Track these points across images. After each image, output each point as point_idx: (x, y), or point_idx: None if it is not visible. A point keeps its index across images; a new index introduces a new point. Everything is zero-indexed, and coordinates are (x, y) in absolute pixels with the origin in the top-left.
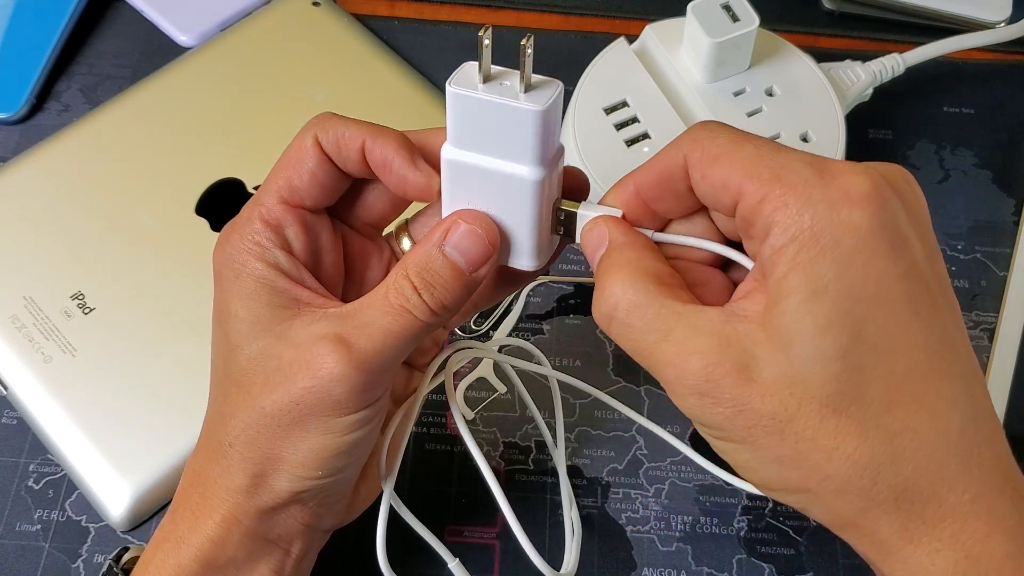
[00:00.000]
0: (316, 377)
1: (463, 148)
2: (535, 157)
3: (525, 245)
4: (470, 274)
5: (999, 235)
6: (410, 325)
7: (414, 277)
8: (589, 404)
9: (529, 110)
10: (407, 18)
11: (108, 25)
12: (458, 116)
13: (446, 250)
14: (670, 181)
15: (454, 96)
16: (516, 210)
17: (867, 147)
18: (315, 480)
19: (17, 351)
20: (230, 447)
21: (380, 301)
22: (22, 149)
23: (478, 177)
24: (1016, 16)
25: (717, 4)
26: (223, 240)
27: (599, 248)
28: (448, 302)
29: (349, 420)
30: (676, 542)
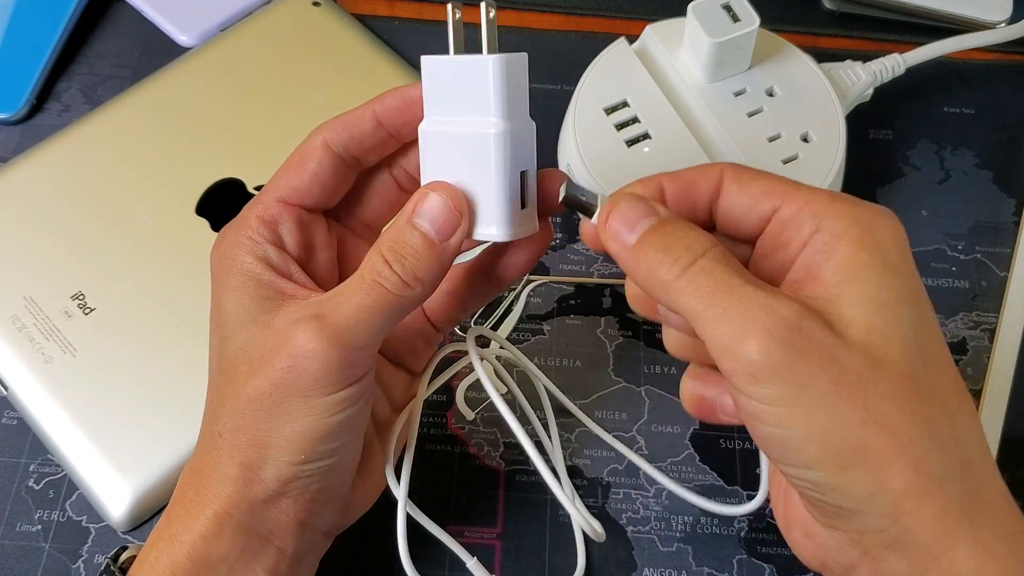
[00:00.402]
0: (292, 355)
1: (434, 116)
2: (496, 109)
3: (492, 212)
4: (440, 243)
5: (999, 235)
6: (383, 298)
7: (386, 251)
8: (589, 404)
9: (487, 58)
10: (407, 18)
11: (108, 25)
12: (428, 83)
13: (415, 221)
14: (695, 190)
15: (425, 63)
16: (480, 171)
17: (867, 147)
18: (300, 465)
19: (17, 351)
20: (219, 436)
21: (355, 280)
22: (22, 149)
23: (447, 143)
24: (1016, 16)
25: (717, 4)
26: (219, 238)
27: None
28: (420, 273)
29: (330, 400)
30: (676, 542)
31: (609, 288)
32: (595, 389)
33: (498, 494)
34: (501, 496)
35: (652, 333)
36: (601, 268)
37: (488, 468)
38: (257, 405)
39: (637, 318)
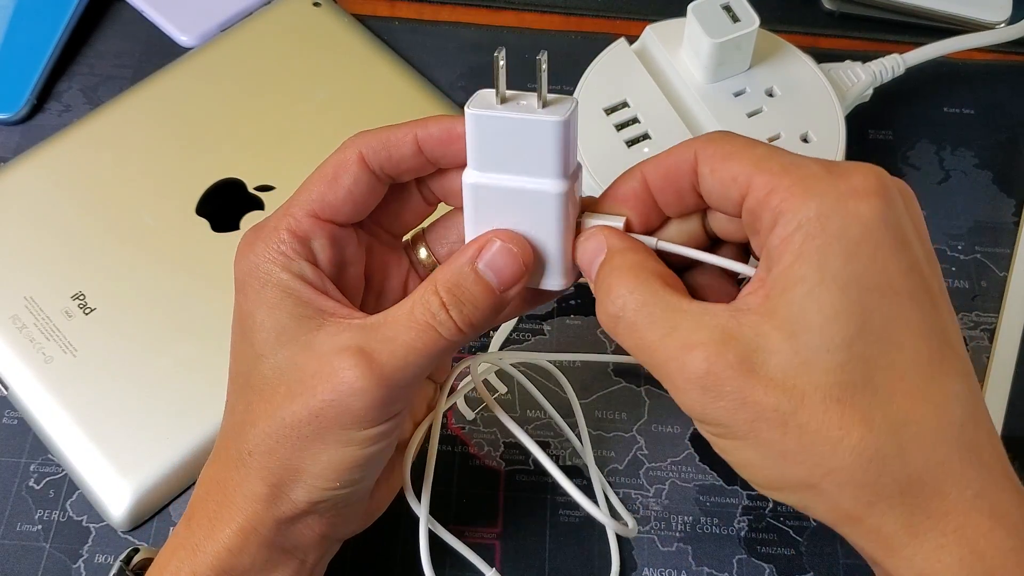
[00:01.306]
0: (336, 390)
1: (485, 171)
2: (558, 170)
3: (554, 264)
4: (501, 293)
5: (999, 235)
6: (435, 342)
7: (443, 293)
8: (589, 404)
9: (549, 121)
10: (407, 18)
11: (108, 25)
12: (478, 138)
13: (479, 267)
14: (677, 176)
15: (474, 118)
16: (542, 228)
17: (867, 147)
18: (332, 491)
19: (18, 351)
20: (249, 455)
21: (406, 316)
22: (23, 149)
23: (502, 198)
24: (1016, 16)
25: (717, 4)
26: (246, 248)
27: (597, 255)
28: (476, 320)
29: (368, 434)
30: (676, 542)
31: None
32: (595, 389)
33: (498, 494)
34: (501, 496)
35: None
36: None
37: (488, 468)
38: (294, 432)
39: None
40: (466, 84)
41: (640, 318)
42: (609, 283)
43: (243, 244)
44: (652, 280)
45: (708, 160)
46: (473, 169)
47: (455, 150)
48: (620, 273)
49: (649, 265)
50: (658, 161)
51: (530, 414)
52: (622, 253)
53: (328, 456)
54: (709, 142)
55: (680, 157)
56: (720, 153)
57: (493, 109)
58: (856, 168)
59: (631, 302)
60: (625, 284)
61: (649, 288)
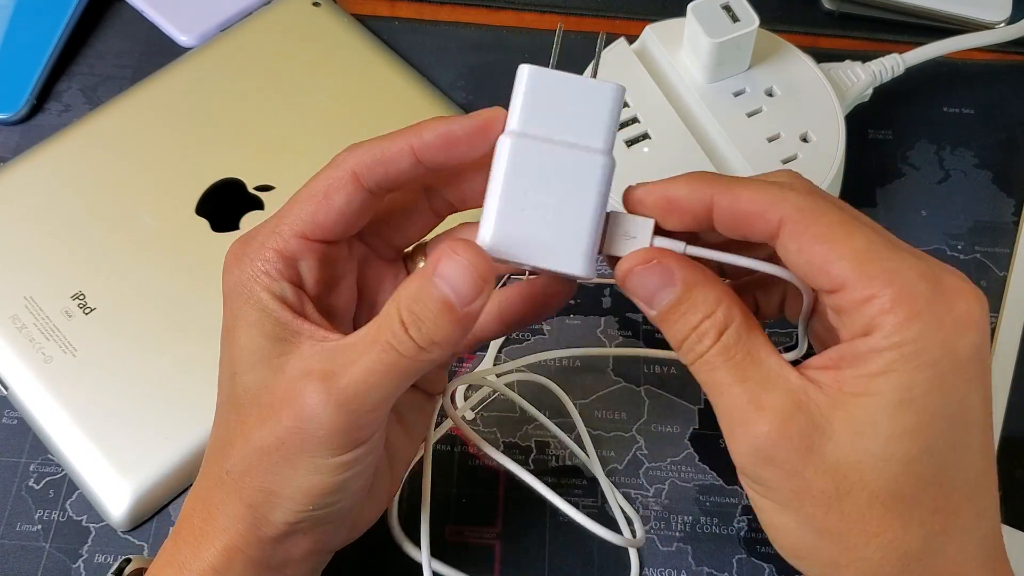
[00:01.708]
0: (298, 416)
1: (529, 132)
2: (606, 141)
3: (579, 245)
4: (461, 309)
5: (999, 235)
6: (395, 363)
7: (403, 311)
8: (589, 404)
9: (610, 85)
10: (407, 18)
11: (108, 25)
12: (531, 95)
13: (436, 282)
14: (749, 226)
15: (531, 73)
16: (576, 200)
17: (867, 147)
18: (309, 513)
19: (17, 351)
20: (228, 475)
21: (370, 335)
22: (22, 149)
23: (542, 163)
24: (1016, 16)
25: (717, 4)
26: (234, 260)
27: (665, 288)
28: (438, 338)
29: (337, 461)
30: (676, 542)
31: (609, 288)
32: (595, 389)
33: (498, 494)
34: (501, 496)
35: (652, 333)
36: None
37: (488, 468)
38: (264, 457)
39: (637, 318)
40: (466, 84)
41: (719, 361)
42: (695, 320)
43: (231, 255)
44: (741, 322)
45: (796, 237)
46: (515, 127)
47: (457, 154)
48: (708, 311)
49: (737, 302)
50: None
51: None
52: (707, 288)
53: (298, 482)
54: (799, 212)
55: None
56: (813, 234)
57: (554, 71)
58: (960, 292)
59: (719, 346)
60: (715, 326)
61: (736, 333)
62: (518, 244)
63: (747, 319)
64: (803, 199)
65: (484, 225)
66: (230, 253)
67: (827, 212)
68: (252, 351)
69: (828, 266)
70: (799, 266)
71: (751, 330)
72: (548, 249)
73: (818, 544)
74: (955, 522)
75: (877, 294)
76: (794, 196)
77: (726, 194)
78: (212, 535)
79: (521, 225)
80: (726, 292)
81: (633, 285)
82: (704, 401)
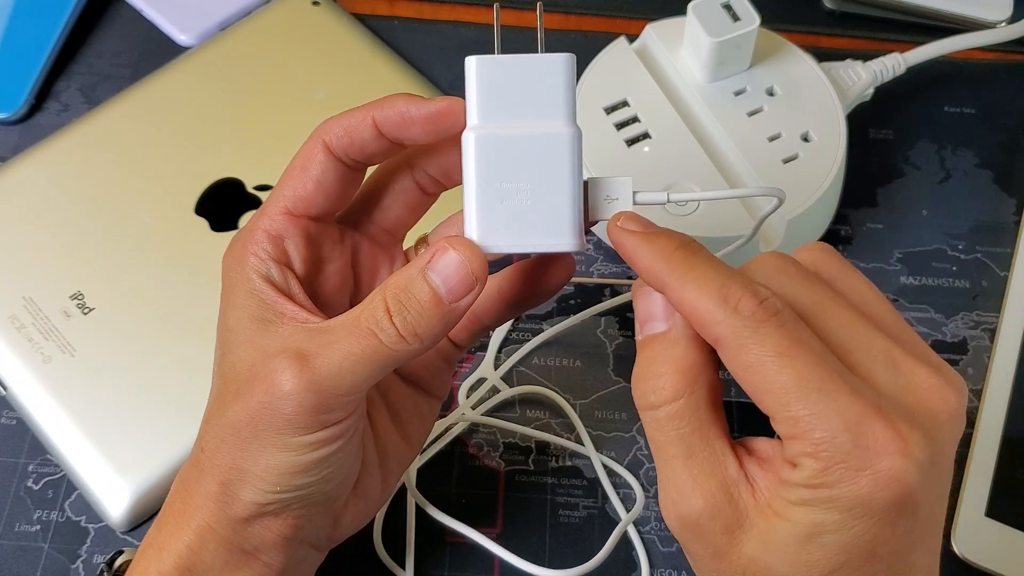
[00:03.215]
0: (269, 392)
1: (488, 122)
2: (567, 112)
3: (563, 219)
4: (449, 304)
5: (1000, 235)
6: (375, 350)
7: (390, 299)
8: (589, 404)
9: (558, 56)
10: (407, 18)
11: (108, 25)
12: (482, 85)
13: (428, 275)
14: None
15: (478, 63)
16: (551, 178)
17: (868, 147)
18: (277, 494)
19: (17, 351)
20: (202, 452)
21: (351, 320)
22: (22, 149)
23: (508, 149)
24: (1016, 16)
25: (718, 3)
26: (229, 249)
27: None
28: (421, 330)
29: (303, 440)
30: (676, 542)
31: (609, 288)
32: (595, 389)
33: (498, 494)
34: (501, 496)
35: None
36: (601, 268)
37: (488, 468)
38: (235, 432)
39: None
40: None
41: (669, 426)
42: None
43: (230, 244)
44: (702, 392)
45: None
46: (475, 122)
47: (412, 134)
48: (676, 369)
49: (707, 373)
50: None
51: (530, 414)
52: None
53: (266, 460)
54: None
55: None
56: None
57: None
58: (886, 448)
59: (676, 407)
60: (674, 387)
61: (693, 404)
62: (505, 234)
63: (711, 397)
64: (740, 322)
65: (467, 224)
66: (230, 243)
67: (763, 339)
68: (239, 332)
69: (756, 396)
70: (742, 385)
71: (710, 407)
72: (535, 231)
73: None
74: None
75: (799, 435)
76: (733, 318)
77: (676, 290)
78: (189, 515)
79: (503, 215)
80: (707, 362)
81: (639, 299)
82: None
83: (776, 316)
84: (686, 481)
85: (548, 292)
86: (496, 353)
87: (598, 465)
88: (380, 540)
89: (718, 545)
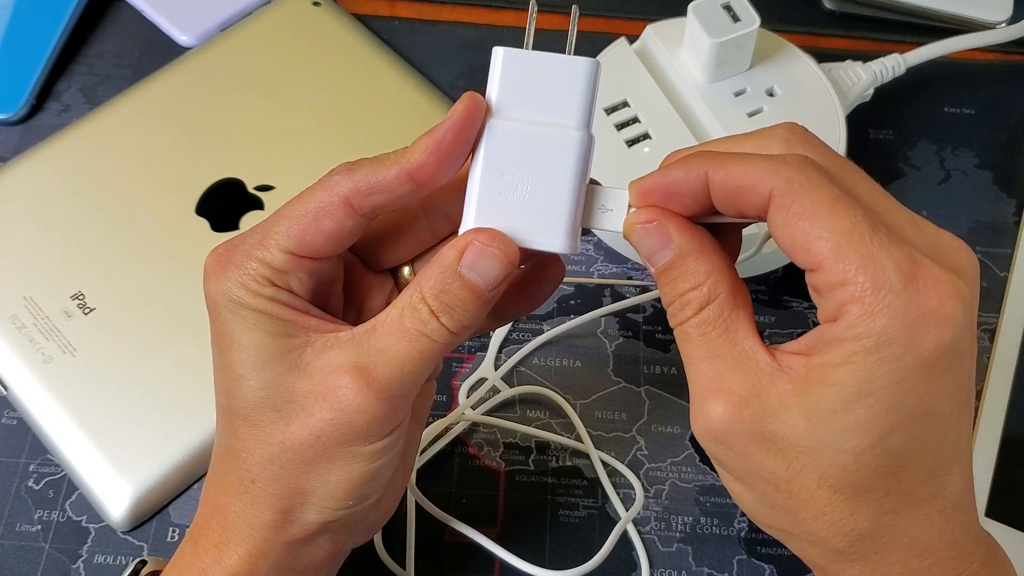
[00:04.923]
0: (336, 409)
1: (503, 114)
2: (583, 117)
3: (560, 221)
4: (489, 293)
5: (1000, 235)
6: (429, 349)
7: (431, 300)
8: (589, 404)
9: (584, 60)
10: (407, 18)
11: (108, 25)
12: (506, 76)
13: (463, 271)
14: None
15: (506, 55)
16: (555, 177)
17: (868, 147)
18: (346, 509)
19: (17, 351)
20: (252, 483)
21: (395, 326)
22: (22, 149)
23: (518, 140)
24: (1016, 16)
25: (718, 4)
26: (219, 269)
27: (662, 250)
28: (468, 322)
29: (374, 448)
30: (676, 542)
31: (609, 288)
32: (595, 389)
33: (498, 494)
34: (501, 496)
35: (652, 333)
36: (601, 268)
37: (488, 468)
38: (296, 455)
39: (637, 318)
40: (466, 84)
41: (696, 334)
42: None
43: (214, 264)
44: (724, 298)
45: (782, 211)
46: (494, 110)
47: (455, 157)
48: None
49: (726, 277)
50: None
51: (530, 414)
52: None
53: (337, 475)
54: (787, 186)
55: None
56: (797, 208)
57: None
58: (937, 286)
59: (697, 319)
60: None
61: (717, 309)
62: (500, 225)
63: (733, 296)
64: (794, 172)
65: (467, 211)
66: (212, 261)
67: (817, 187)
68: (258, 352)
69: (808, 244)
70: (783, 241)
71: (735, 308)
72: (530, 228)
73: (771, 513)
74: (908, 501)
75: (849, 280)
76: (785, 169)
77: (719, 170)
78: (234, 541)
79: (502, 207)
80: (718, 266)
81: (635, 242)
82: None
83: (822, 168)
84: (708, 383)
85: (540, 299)
86: (496, 353)
87: (598, 465)
88: (380, 540)
89: (745, 446)
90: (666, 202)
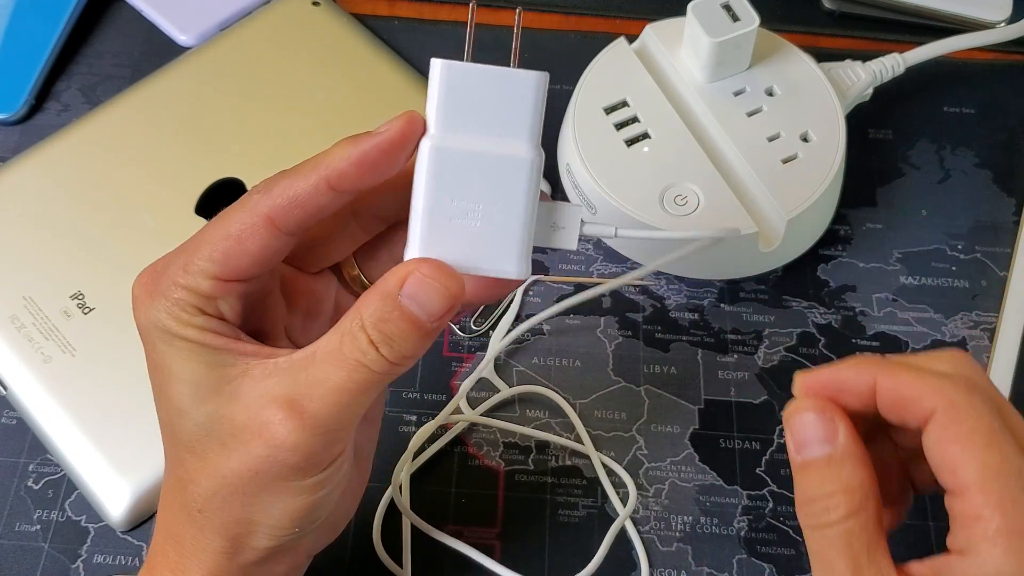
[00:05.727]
0: (270, 446)
1: (447, 132)
2: (531, 133)
3: (512, 246)
4: (431, 324)
5: (999, 235)
6: (367, 380)
7: (371, 329)
8: (589, 404)
9: (530, 73)
10: (407, 18)
11: (108, 25)
12: (446, 92)
13: (403, 302)
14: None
15: (444, 68)
16: (505, 200)
17: (867, 147)
18: (293, 534)
19: (17, 351)
20: (199, 513)
21: (334, 354)
22: (22, 149)
23: (465, 164)
24: (1016, 16)
25: (717, 4)
26: (146, 299)
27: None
28: (409, 352)
29: (314, 481)
30: (676, 542)
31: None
32: (594, 389)
33: (498, 494)
34: (501, 496)
35: (652, 333)
36: (601, 268)
37: (488, 468)
38: (238, 488)
39: (637, 318)
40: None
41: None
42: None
43: (141, 293)
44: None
45: (940, 427)
46: (434, 131)
47: (378, 174)
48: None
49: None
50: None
51: (530, 414)
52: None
53: (280, 507)
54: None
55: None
56: (953, 432)
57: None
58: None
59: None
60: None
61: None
62: (448, 252)
63: (878, 515)
64: (959, 394)
65: (411, 239)
66: (138, 287)
67: (978, 416)
68: (195, 384)
69: (956, 468)
70: (933, 456)
71: (877, 526)
72: (480, 254)
73: None
74: None
75: (985, 517)
76: (952, 389)
77: (888, 377)
78: (190, 568)
79: (450, 234)
80: (872, 480)
81: (794, 424)
82: (704, 401)
83: (987, 398)
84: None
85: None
86: (496, 353)
87: (598, 465)
88: (380, 540)
89: None
90: (832, 396)
